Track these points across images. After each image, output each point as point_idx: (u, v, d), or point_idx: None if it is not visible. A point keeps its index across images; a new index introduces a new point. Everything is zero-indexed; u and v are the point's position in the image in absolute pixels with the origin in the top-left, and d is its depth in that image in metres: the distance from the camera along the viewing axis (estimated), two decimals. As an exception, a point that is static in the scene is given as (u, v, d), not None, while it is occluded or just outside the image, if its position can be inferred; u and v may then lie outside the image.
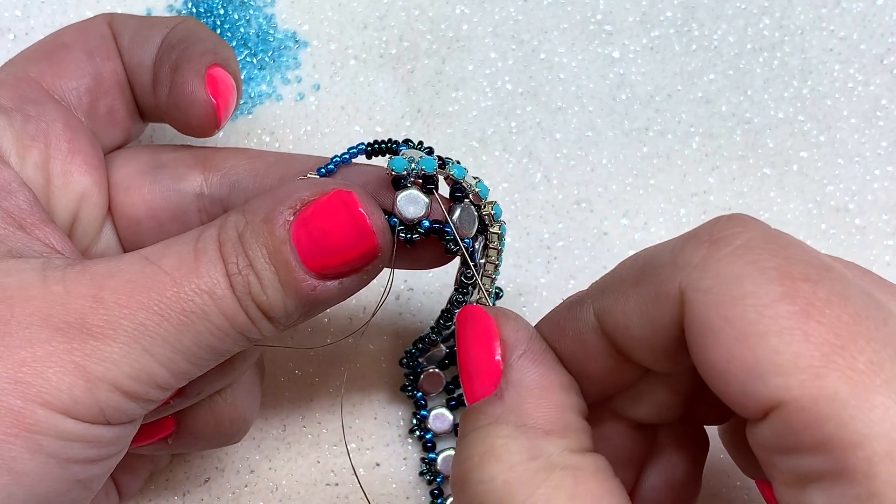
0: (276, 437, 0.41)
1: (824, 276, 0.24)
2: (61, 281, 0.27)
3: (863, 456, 0.22)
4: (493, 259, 0.32)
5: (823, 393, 0.22)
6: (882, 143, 0.43)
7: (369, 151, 0.32)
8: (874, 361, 0.23)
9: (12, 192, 0.30)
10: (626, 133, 0.43)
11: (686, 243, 0.26)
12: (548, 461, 0.25)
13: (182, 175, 0.34)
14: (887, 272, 0.42)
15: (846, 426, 0.22)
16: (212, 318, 0.27)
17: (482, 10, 0.44)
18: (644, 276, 0.27)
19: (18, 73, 0.33)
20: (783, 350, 0.23)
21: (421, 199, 0.30)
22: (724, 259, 0.25)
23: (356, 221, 0.28)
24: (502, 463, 0.25)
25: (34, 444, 0.26)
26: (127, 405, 0.27)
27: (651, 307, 0.26)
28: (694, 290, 0.25)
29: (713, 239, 0.25)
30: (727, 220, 0.26)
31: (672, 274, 0.25)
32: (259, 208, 0.28)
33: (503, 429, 0.26)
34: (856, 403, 0.22)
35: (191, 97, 0.32)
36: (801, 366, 0.23)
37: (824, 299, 0.23)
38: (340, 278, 0.29)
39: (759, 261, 0.24)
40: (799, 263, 0.24)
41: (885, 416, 0.22)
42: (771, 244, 0.25)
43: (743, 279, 0.24)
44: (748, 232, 0.25)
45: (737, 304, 0.24)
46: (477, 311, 0.29)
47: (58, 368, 0.26)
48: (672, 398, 0.30)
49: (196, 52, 0.33)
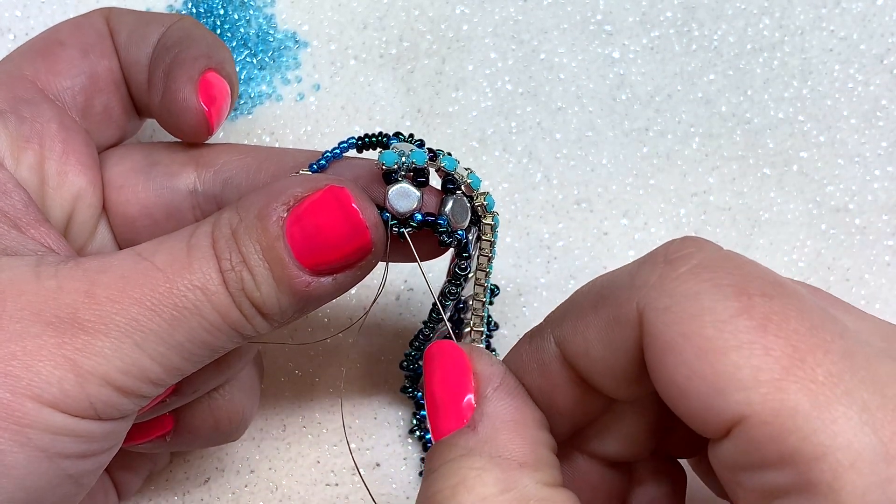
0: (276, 437, 0.41)
1: (779, 291, 0.24)
2: (54, 276, 0.27)
3: (827, 468, 0.22)
4: (486, 251, 0.32)
5: (785, 406, 0.22)
6: (882, 143, 0.43)
7: (360, 146, 0.32)
8: (833, 373, 0.23)
9: (7, 192, 0.30)
10: (626, 133, 0.43)
11: (642, 265, 0.26)
12: (521, 493, 0.25)
13: (175, 172, 0.34)
14: (887, 272, 0.42)
15: (809, 438, 0.22)
16: (205, 314, 0.27)
17: (482, 10, 0.44)
18: (602, 299, 0.27)
19: (13, 71, 0.33)
20: (743, 364, 0.23)
21: (412, 192, 0.30)
22: (681, 278, 0.25)
23: (349, 217, 0.28)
24: (474, 494, 0.25)
25: (23, 438, 0.26)
26: (118, 400, 0.27)
27: (610, 330, 0.26)
28: (652, 309, 0.25)
29: (668, 259, 0.25)
30: (681, 241, 0.26)
31: (629, 295, 0.26)
32: (252, 205, 0.28)
33: (476, 460, 0.26)
34: (817, 415, 0.22)
35: (182, 104, 0.32)
36: (761, 379, 0.23)
37: (781, 313, 0.23)
38: (334, 274, 0.28)
39: (714, 278, 0.24)
40: (754, 280, 0.24)
41: (846, 427, 0.22)
42: (726, 263, 0.25)
43: (700, 296, 0.24)
44: (702, 252, 0.25)
45: (695, 321, 0.24)
46: (448, 345, 0.28)
47: (48, 362, 0.26)
48: (640, 432, 0.30)
49: (190, 56, 0.33)
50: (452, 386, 0.28)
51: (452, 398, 0.27)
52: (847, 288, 0.42)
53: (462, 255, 0.32)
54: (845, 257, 0.42)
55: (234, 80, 0.34)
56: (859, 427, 0.22)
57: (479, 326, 0.34)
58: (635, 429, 0.30)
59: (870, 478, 0.22)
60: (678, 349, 0.24)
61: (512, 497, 0.25)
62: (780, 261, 0.42)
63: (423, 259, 0.32)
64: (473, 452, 0.26)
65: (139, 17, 0.35)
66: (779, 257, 0.42)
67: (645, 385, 0.27)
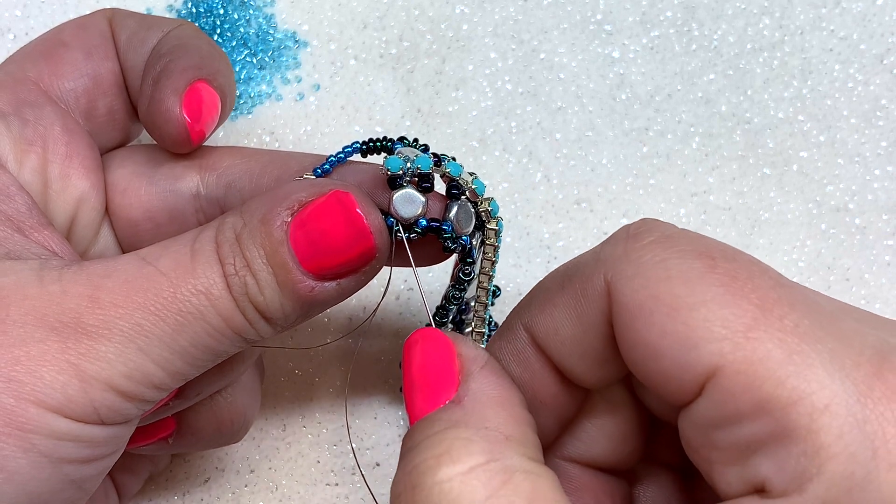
0: (276, 437, 0.41)
1: (739, 256, 0.25)
2: (58, 281, 0.27)
3: (803, 411, 0.22)
4: (489, 256, 0.32)
5: (757, 354, 0.23)
6: (882, 143, 0.43)
7: (364, 150, 0.32)
8: (800, 324, 0.23)
9: (10, 195, 0.30)
10: (626, 133, 0.43)
11: (605, 244, 0.27)
12: (507, 464, 0.25)
13: (178, 176, 0.34)
14: (887, 272, 0.42)
15: (783, 384, 0.22)
16: (208, 319, 0.27)
17: (482, 10, 0.43)
18: (568, 279, 0.27)
19: (17, 73, 0.33)
20: (713, 318, 0.23)
21: (417, 198, 0.30)
22: (646, 248, 0.25)
23: (353, 222, 0.28)
24: (460, 464, 0.25)
25: (26, 443, 0.26)
26: (122, 405, 0.27)
27: (578, 305, 0.27)
28: (620, 278, 0.25)
29: (630, 234, 0.26)
30: (640, 221, 0.27)
31: (595, 269, 0.26)
32: (256, 209, 0.28)
33: (463, 430, 0.25)
34: (789, 361, 0.23)
35: (165, 115, 0.32)
36: (732, 329, 0.23)
37: (745, 271, 0.24)
38: (338, 279, 0.28)
39: (677, 245, 0.25)
40: (714, 246, 0.25)
41: (819, 372, 0.22)
42: (684, 235, 0.26)
43: (667, 261, 0.25)
44: (661, 227, 0.26)
45: (663, 283, 0.24)
46: (430, 330, 0.28)
47: (52, 367, 0.26)
48: (624, 433, 0.30)
49: (179, 66, 0.32)
50: (435, 367, 0.27)
51: (436, 378, 0.27)
52: (847, 288, 0.42)
53: (466, 260, 0.32)
54: (845, 257, 0.42)
55: (226, 91, 0.34)
56: (831, 371, 0.23)
57: (480, 328, 0.34)
58: (616, 428, 0.30)
59: (845, 418, 0.22)
60: (648, 310, 0.24)
61: (498, 467, 0.25)
62: (780, 261, 0.42)
63: (426, 264, 0.32)
64: (460, 424, 0.26)
65: (141, 20, 0.35)
66: (779, 257, 0.42)
67: (615, 366, 0.27)
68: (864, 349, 0.23)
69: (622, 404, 0.30)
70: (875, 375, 0.23)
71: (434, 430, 0.26)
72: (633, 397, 0.30)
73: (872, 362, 0.23)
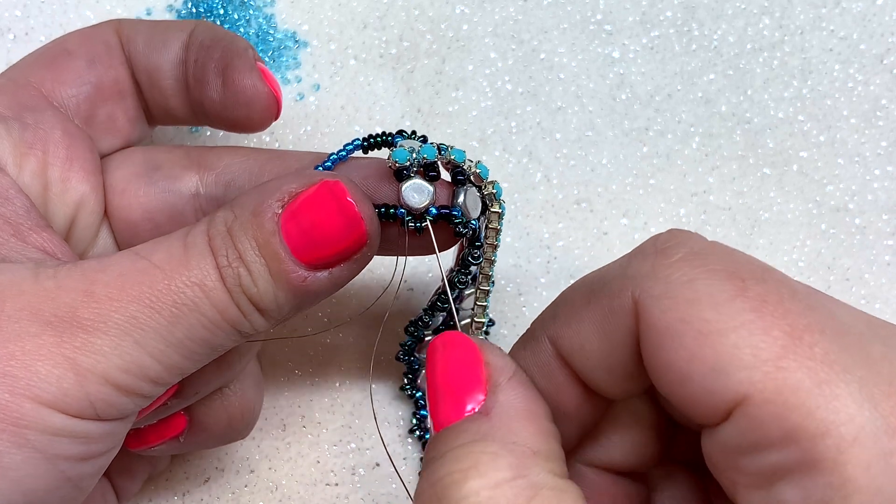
0: (276, 437, 0.41)
1: (770, 276, 0.25)
2: (53, 277, 0.27)
3: (831, 443, 0.22)
4: (491, 240, 0.33)
5: (787, 384, 0.23)
6: (882, 143, 0.43)
7: (365, 146, 0.33)
8: (830, 351, 0.23)
9: (9, 198, 0.30)
10: (626, 133, 0.43)
11: (633, 257, 0.27)
12: (534, 480, 0.25)
13: (177, 176, 0.34)
14: (887, 272, 0.42)
15: (812, 415, 0.22)
16: (203, 311, 0.27)
17: (482, 10, 0.44)
18: (594, 294, 0.27)
19: (19, 79, 0.33)
20: (743, 344, 0.23)
21: (426, 187, 0.30)
22: (674, 265, 0.25)
23: (345, 210, 0.28)
24: (487, 479, 0.24)
25: (21, 439, 0.26)
26: (118, 399, 0.27)
27: (605, 322, 0.27)
28: (648, 296, 0.25)
29: (659, 250, 0.26)
30: (668, 233, 0.27)
31: (623, 285, 0.26)
32: (248, 202, 0.28)
33: (490, 445, 0.25)
34: (819, 392, 0.22)
35: (252, 90, 0.33)
36: (762, 358, 0.23)
37: (775, 295, 0.24)
38: (330, 268, 0.29)
39: (706, 264, 0.25)
40: (745, 265, 0.25)
41: (848, 403, 0.22)
42: (715, 250, 0.26)
43: (695, 282, 0.24)
44: (691, 241, 0.26)
45: (692, 306, 0.24)
46: (457, 335, 0.28)
47: (47, 361, 0.26)
48: (643, 437, 0.30)
49: (240, 48, 0.33)
50: (462, 375, 0.27)
51: (462, 387, 0.27)
52: (847, 288, 0.42)
53: (474, 243, 0.32)
54: (845, 257, 0.42)
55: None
56: (860, 402, 0.22)
57: (480, 317, 0.34)
58: (638, 435, 0.30)
59: (873, 451, 0.22)
60: (677, 333, 0.24)
61: (525, 483, 0.25)
62: (780, 261, 0.42)
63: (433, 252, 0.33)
64: (487, 437, 0.26)
65: (154, 25, 0.35)
66: (779, 257, 0.42)
67: (640, 380, 0.27)
68: (892, 378, 0.23)
69: (644, 412, 0.30)
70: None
71: (460, 442, 0.26)
72: (655, 405, 0.30)
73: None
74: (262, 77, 0.33)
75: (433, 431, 0.27)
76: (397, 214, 0.30)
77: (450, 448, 0.26)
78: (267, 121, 0.34)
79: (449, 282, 0.34)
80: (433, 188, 0.30)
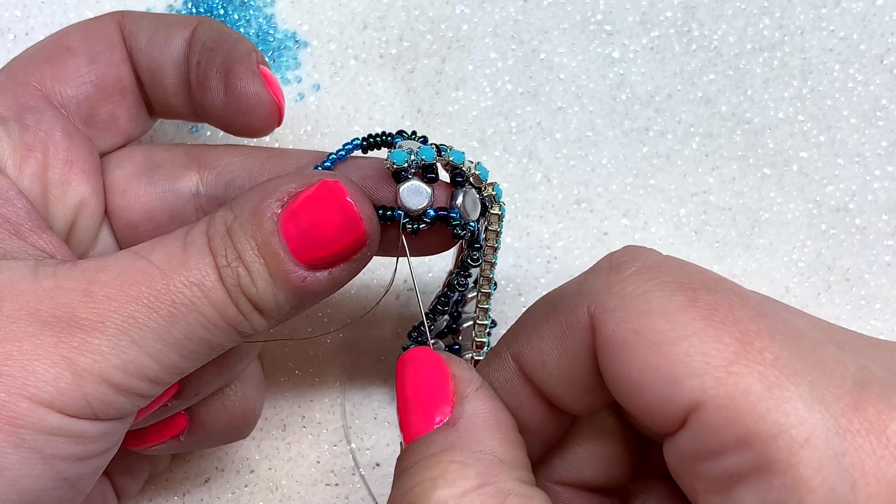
0: (276, 437, 0.41)
1: (720, 285, 0.25)
2: (52, 276, 0.27)
3: (783, 445, 0.22)
4: (492, 242, 0.33)
5: (738, 389, 0.23)
6: (882, 143, 0.43)
7: (365, 146, 0.33)
8: (780, 356, 0.23)
9: (9, 199, 0.30)
10: (626, 133, 0.43)
11: (588, 274, 0.27)
12: (501, 487, 0.25)
13: (177, 175, 0.34)
14: (887, 272, 0.42)
15: (763, 418, 0.23)
16: (202, 311, 0.27)
17: (482, 10, 0.44)
18: (553, 310, 0.27)
19: (19, 77, 0.33)
20: (694, 352, 0.24)
21: (424, 189, 0.30)
22: (627, 279, 0.26)
23: (344, 210, 0.28)
24: (454, 488, 0.25)
25: (17, 438, 0.26)
26: (115, 398, 0.27)
27: (563, 337, 0.27)
28: (602, 311, 0.25)
29: (613, 265, 0.26)
30: (623, 250, 0.27)
31: (579, 301, 0.26)
32: (247, 202, 0.28)
33: (457, 454, 0.26)
34: (770, 395, 0.23)
35: (255, 98, 0.33)
36: (713, 364, 0.23)
37: (725, 303, 0.24)
38: (330, 268, 0.29)
39: (658, 277, 0.25)
40: (696, 276, 0.25)
41: (798, 406, 0.23)
42: (667, 263, 0.26)
43: (647, 294, 0.25)
44: (644, 255, 0.26)
45: (644, 317, 0.24)
46: (423, 350, 0.29)
47: (44, 361, 0.26)
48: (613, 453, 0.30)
49: (243, 52, 0.33)
50: (429, 388, 0.28)
51: (430, 399, 0.27)
52: (847, 288, 0.42)
53: (474, 245, 0.32)
54: (845, 257, 0.42)
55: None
56: (810, 405, 0.23)
57: (482, 320, 0.34)
58: (605, 449, 0.30)
59: (824, 452, 0.22)
60: (630, 345, 0.24)
61: (492, 491, 0.25)
62: (780, 261, 0.42)
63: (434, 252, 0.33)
64: (455, 447, 0.26)
65: (157, 19, 0.35)
66: (779, 257, 0.42)
67: (601, 394, 0.27)
68: (843, 381, 0.23)
69: (610, 427, 0.30)
70: (854, 408, 0.23)
71: (429, 452, 0.26)
72: (621, 420, 0.30)
73: (852, 394, 0.23)
74: (264, 84, 0.33)
75: (404, 444, 0.27)
76: (395, 216, 0.30)
77: (419, 458, 0.26)
78: (269, 128, 0.34)
79: (449, 284, 0.34)
80: (431, 190, 0.30)
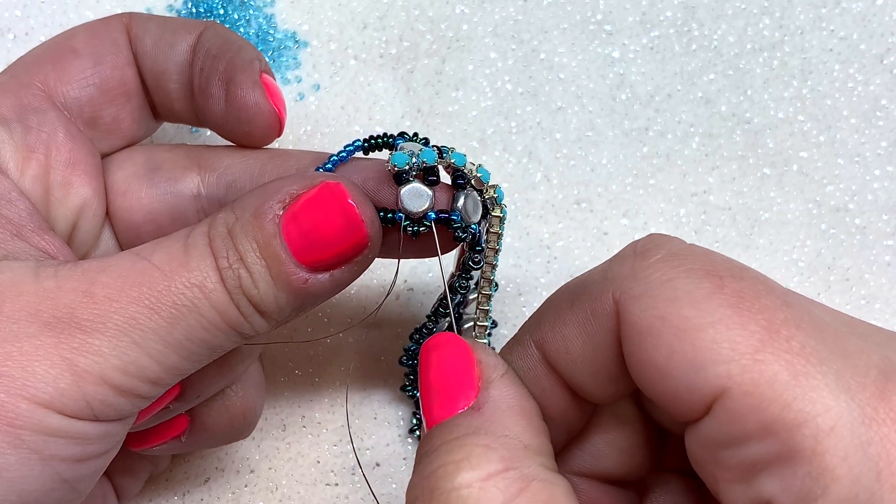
0: (276, 437, 0.41)
1: (746, 274, 0.25)
2: (53, 277, 0.27)
3: (809, 433, 0.22)
4: (493, 244, 0.33)
5: (764, 376, 0.23)
6: (882, 143, 0.43)
7: (366, 147, 0.33)
8: (806, 344, 0.23)
9: (11, 201, 0.30)
10: (626, 133, 0.43)
11: (613, 261, 0.27)
12: (525, 472, 0.25)
13: (178, 177, 0.34)
14: (887, 272, 0.42)
15: (789, 406, 0.23)
16: (203, 312, 0.27)
17: (482, 10, 0.44)
18: (577, 297, 0.27)
19: (22, 77, 0.33)
20: (721, 339, 0.23)
21: (425, 191, 0.30)
22: (653, 266, 0.26)
23: (346, 213, 0.28)
24: (478, 471, 0.25)
25: (16, 439, 0.26)
26: (115, 399, 0.27)
27: (588, 324, 0.27)
28: (628, 297, 0.25)
29: (638, 253, 0.26)
30: (647, 238, 0.27)
31: (604, 288, 0.26)
32: (248, 204, 0.28)
33: (481, 438, 0.26)
34: (796, 383, 0.23)
35: (255, 108, 0.33)
36: (740, 352, 0.23)
37: (752, 291, 0.24)
38: (331, 270, 0.28)
39: (685, 264, 0.25)
40: (721, 264, 0.25)
41: (824, 394, 0.23)
42: (691, 252, 0.26)
43: (673, 281, 0.25)
44: (669, 243, 0.26)
45: (671, 304, 0.24)
46: (450, 336, 0.29)
47: (44, 362, 0.26)
48: (632, 445, 0.30)
49: (245, 60, 0.33)
50: (454, 373, 0.27)
51: (454, 384, 0.27)
52: (847, 288, 0.42)
53: (475, 248, 0.32)
54: (845, 257, 0.42)
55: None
56: (836, 393, 0.23)
57: (483, 321, 0.34)
58: (625, 440, 0.30)
59: (850, 440, 0.22)
60: (656, 331, 0.24)
61: (516, 475, 0.25)
62: (780, 261, 0.42)
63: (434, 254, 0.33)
64: (479, 431, 0.26)
65: (163, 23, 0.34)
66: (779, 257, 0.42)
67: (624, 382, 0.27)
68: (868, 370, 0.23)
69: (631, 418, 0.30)
70: (879, 397, 0.23)
71: (453, 436, 0.26)
72: (641, 410, 0.30)
73: (877, 383, 0.23)
74: (265, 94, 0.33)
75: (426, 429, 0.27)
76: (396, 219, 0.30)
77: (442, 442, 0.26)
78: (268, 138, 0.34)
79: (450, 286, 0.34)
80: (432, 192, 0.30)
